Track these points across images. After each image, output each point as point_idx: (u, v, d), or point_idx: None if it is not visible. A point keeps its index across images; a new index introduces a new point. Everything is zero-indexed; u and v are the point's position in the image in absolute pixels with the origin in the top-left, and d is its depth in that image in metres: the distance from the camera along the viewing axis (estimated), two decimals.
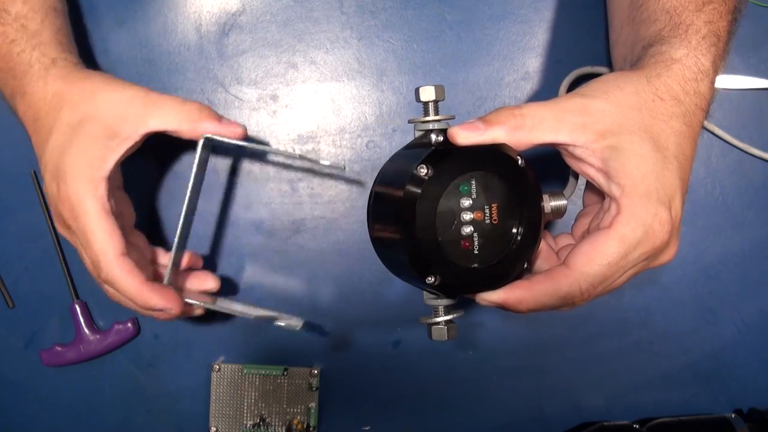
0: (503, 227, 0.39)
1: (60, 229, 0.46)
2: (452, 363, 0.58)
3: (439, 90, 0.39)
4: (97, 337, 0.56)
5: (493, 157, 0.38)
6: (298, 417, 0.57)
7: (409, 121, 0.41)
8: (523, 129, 0.38)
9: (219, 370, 0.56)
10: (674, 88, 0.40)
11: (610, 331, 0.58)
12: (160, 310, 0.44)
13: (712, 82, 0.41)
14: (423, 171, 0.36)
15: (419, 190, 0.36)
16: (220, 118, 0.46)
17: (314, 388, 0.57)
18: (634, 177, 0.37)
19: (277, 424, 0.57)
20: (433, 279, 0.37)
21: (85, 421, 0.58)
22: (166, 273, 0.47)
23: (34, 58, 0.44)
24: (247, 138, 0.48)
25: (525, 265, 0.40)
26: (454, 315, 0.41)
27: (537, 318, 0.58)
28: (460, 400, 0.58)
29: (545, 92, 0.56)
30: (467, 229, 0.38)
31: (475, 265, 0.38)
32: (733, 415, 0.55)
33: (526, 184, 0.39)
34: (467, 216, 0.38)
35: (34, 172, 0.55)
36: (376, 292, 0.57)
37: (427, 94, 0.39)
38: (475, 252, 0.38)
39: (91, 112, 0.43)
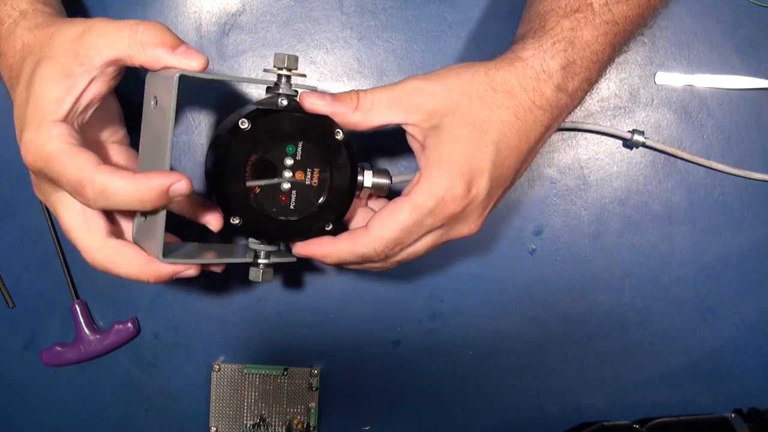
0: (319, 190, 0.43)
1: (39, 193, 0.43)
2: (452, 363, 0.58)
3: (292, 60, 0.42)
4: (97, 337, 0.56)
5: (313, 126, 0.42)
6: (298, 417, 0.57)
7: (265, 70, 0.43)
8: (360, 110, 0.41)
9: (219, 370, 0.56)
10: (511, 82, 0.42)
11: (610, 331, 0.58)
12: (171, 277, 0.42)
13: (559, 86, 0.43)
14: (244, 125, 0.40)
15: (233, 140, 0.40)
16: (176, 43, 0.40)
17: (314, 388, 0.57)
18: (441, 153, 0.41)
19: (277, 424, 0.57)
20: (237, 221, 0.41)
21: (85, 421, 0.58)
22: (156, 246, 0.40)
23: (4, 14, 0.42)
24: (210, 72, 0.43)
25: (330, 226, 0.44)
26: (272, 260, 0.45)
27: (537, 318, 0.58)
28: (460, 399, 0.58)
29: None
30: (286, 186, 0.42)
31: (282, 217, 0.42)
32: (733, 415, 0.55)
33: (339, 156, 0.43)
34: (288, 174, 0.42)
35: None
36: (376, 292, 0.57)
37: (280, 61, 0.42)
38: (291, 207, 0.43)
39: (47, 55, 0.39)
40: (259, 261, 0.44)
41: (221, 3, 0.56)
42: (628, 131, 0.56)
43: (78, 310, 0.56)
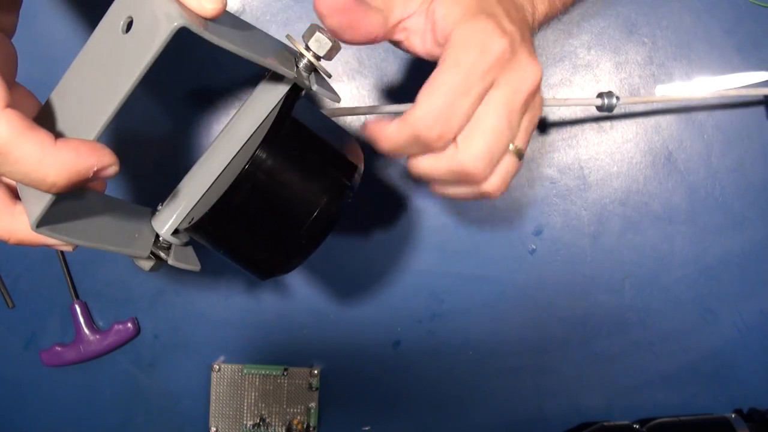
0: None
1: None
2: (452, 363, 0.58)
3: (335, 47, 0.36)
4: (97, 337, 0.56)
5: None
6: (298, 417, 0.57)
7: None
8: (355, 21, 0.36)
9: (219, 370, 0.56)
10: None
11: (610, 331, 0.58)
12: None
13: None
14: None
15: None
16: None
17: (314, 388, 0.57)
18: (456, 13, 0.36)
19: (277, 424, 0.57)
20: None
21: (85, 421, 0.58)
22: None
23: None
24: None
25: None
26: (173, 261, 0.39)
27: (537, 318, 0.58)
28: (460, 400, 0.58)
29: (547, 92, 0.56)
30: None
31: None
32: (733, 415, 0.55)
33: None
34: None
35: None
36: (376, 293, 0.57)
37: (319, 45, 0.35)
38: None
39: None
40: (161, 254, 0.38)
41: None
42: (597, 96, 0.50)
43: (78, 310, 0.56)
